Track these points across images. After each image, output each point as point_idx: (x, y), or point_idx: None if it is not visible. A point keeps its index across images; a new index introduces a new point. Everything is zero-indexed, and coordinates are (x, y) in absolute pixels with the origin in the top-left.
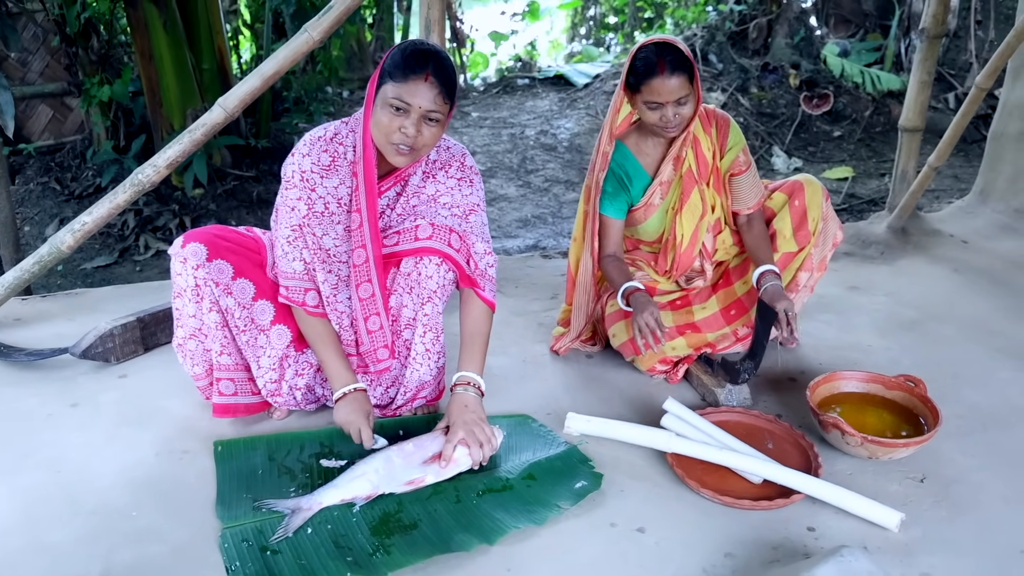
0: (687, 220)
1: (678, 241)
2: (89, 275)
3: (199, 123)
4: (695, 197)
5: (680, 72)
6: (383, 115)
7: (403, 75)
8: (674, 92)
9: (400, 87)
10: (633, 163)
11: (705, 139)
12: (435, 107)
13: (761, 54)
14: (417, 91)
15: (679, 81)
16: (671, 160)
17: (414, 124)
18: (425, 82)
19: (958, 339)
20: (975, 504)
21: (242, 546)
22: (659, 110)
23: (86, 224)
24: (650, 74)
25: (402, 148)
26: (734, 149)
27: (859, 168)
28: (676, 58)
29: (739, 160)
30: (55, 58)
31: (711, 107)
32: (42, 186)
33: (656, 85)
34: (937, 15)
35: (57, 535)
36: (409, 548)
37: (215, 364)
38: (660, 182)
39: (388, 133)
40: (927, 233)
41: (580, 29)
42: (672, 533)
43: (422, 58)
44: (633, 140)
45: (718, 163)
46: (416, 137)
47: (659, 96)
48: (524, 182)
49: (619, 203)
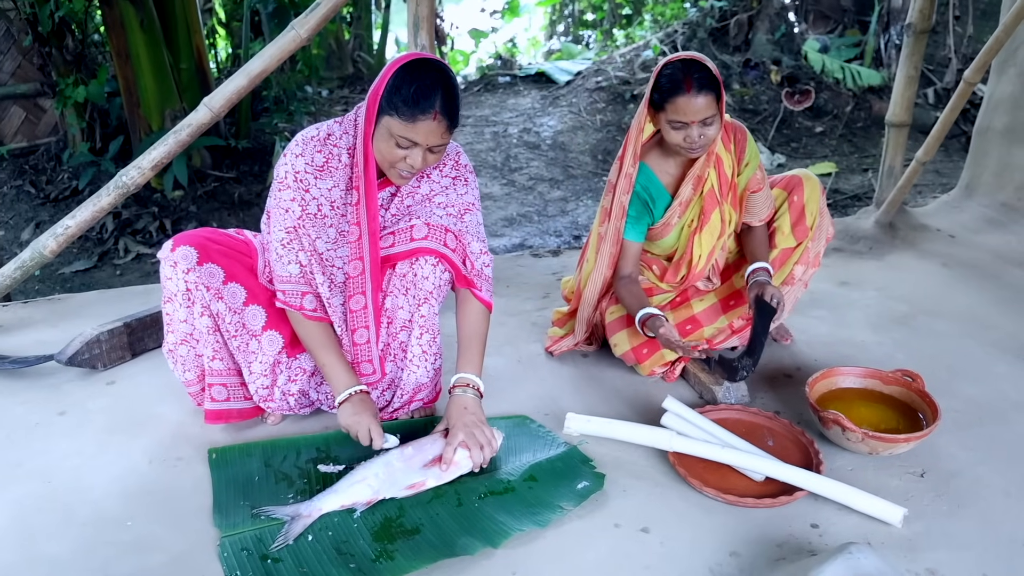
0: (706, 240)
1: (695, 261)
2: (68, 279)
3: (184, 123)
4: (715, 218)
5: (708, 91)
6: (386, 145)
7: (410, 115)
8: (700, 112)
9: (407, 127)
10: (656, 184)
11: (726, 156)
12: (444, 141)
13: (742, 50)
14: (427, 131)
15: (706, 100)
16: (691, 179)
17: (420, 156)
18: (433, 120)
19: (951, 333)
20: (976, 497)
21: (242, 555)
22: (683, 130)
23: (69, 228)
24: (676, 92)
25: (404, 174)
26: (751, 165)
27: (842, 163)
28: (704, 76)
29: (756, 177)
30: (27, 58)
31: (728, 118)
32: (16, 189)
33: (682, 104)
34: (923, 10)
35: (52, 547)
36: (413, 553)
37: (207, 369)
38: (680, 202)
39: (391, 161)
40: (914, 228)
41: (558, 26)
42: (677, 533)
43: (429, 94)
44: (653, 159)
45: (735, 179)
46: (421, 166)
47: (684, 116)
48: (508, 180)
49: (641, 226)
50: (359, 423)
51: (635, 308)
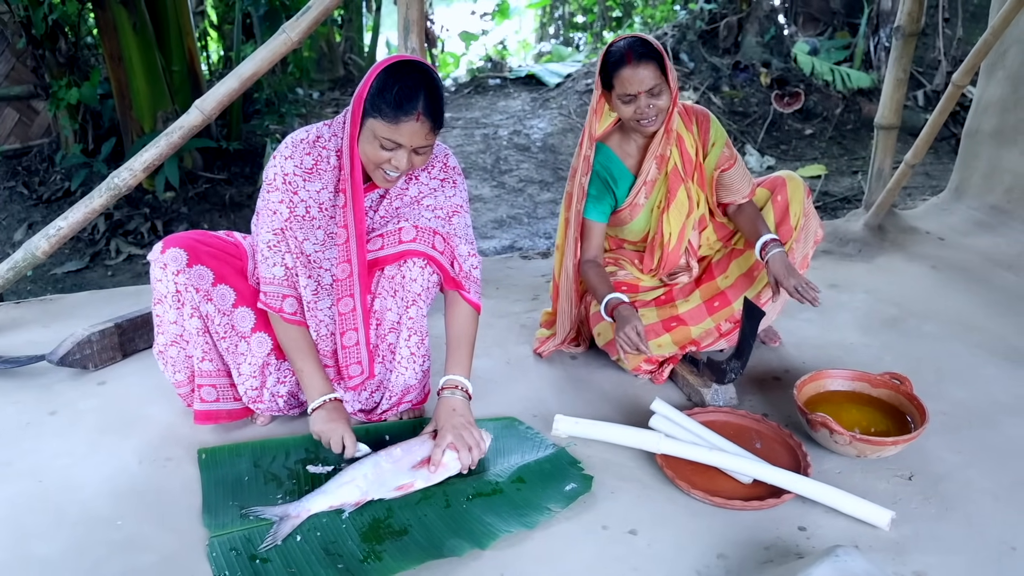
0: (674, 218)
1: (665, 239)
2: (60, 280)
3: (176, 125)
4: (681, 195)
5: (648, 60)
6: (371, 147)
7: (394, 116)
8: (644, 82)
9: (390, 128)
10: (617, 164)
11: (688, 136)
12: (427, 142)
13: (732, 53)
14: (410, 133)
15: (648, 71)
16: (653, 158)
17: (405, 158)
18: (416, 122)
19: (940, 336)
20: (964, 501)
21: (231, 555)
22: (633, 103)
23: (62, 229)
24: (619, 65)
25: (390, 175)
26: (717, 144)
27: (831, 166)
28: (644, 48)
29: (724, 155)
30: (21, 60)
31: (690, 104)
32: (9, 190)
33: (626, 76)
34: (912, 12)
35: (43, 547)
36: (401, 554)
37: (197, 370)
38: (645, 181)
39: (376, 163)
40: (904, 230)
41: (549, 28)
42: (664, 535)
43: (412, 96)
44: (615, 141)
45: (701, 160)
46: (406, 168)
47: (630, 87)
48: (498, 182)
49: (603, 206)
50: (332, 430)
51: (601, 292)
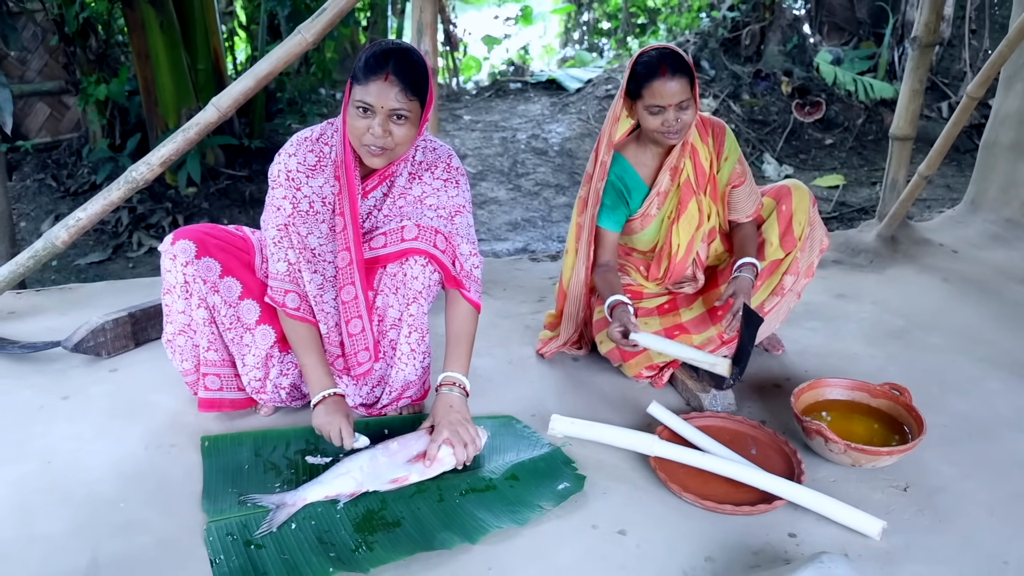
0: (683, 230)
1: (673, 250)
2: (83, 271)
3: (192, 122)
4: (692, 207)
5: (681, 75)
6: (353, 118)
7: (365, 77)
8: (676, 95)
9: (363, 89)
10: (632, 175)
11: (703, 148)
12: (399, 104)
13: (754, 61)
14: (379, 91)
15: (680, 84)
16: (668, 170)
17: (381, 125)
18: (385, 81)
19: (945, 348)
20: (959, 513)
21: (227, 540)
22: (661, 114)
23: (80, 220)
24: (652, 76)
25: (374, 150)
26: (731, 158)
27: (850, 176)
28: (677, 61)
29: (737, 171)
30: (54, 57)
31: (706, 115)
32: (39, 183)
33: (658, 87)
34: (929, 23)
35: (48, 526)
36: (392, 545)
37: (202, 359)
38: (658, 192)
39: (359, 135)
40: (917, 242)
41: (573, 34)
42: (653, 536)
43: (382, 58)
44: (631, 151)
45: (715, 172)
46: (385, 138)
47: (661, 99)
48: (514, 185)
49: (617, 215)
50: (331, 423)
51: (607, 294)
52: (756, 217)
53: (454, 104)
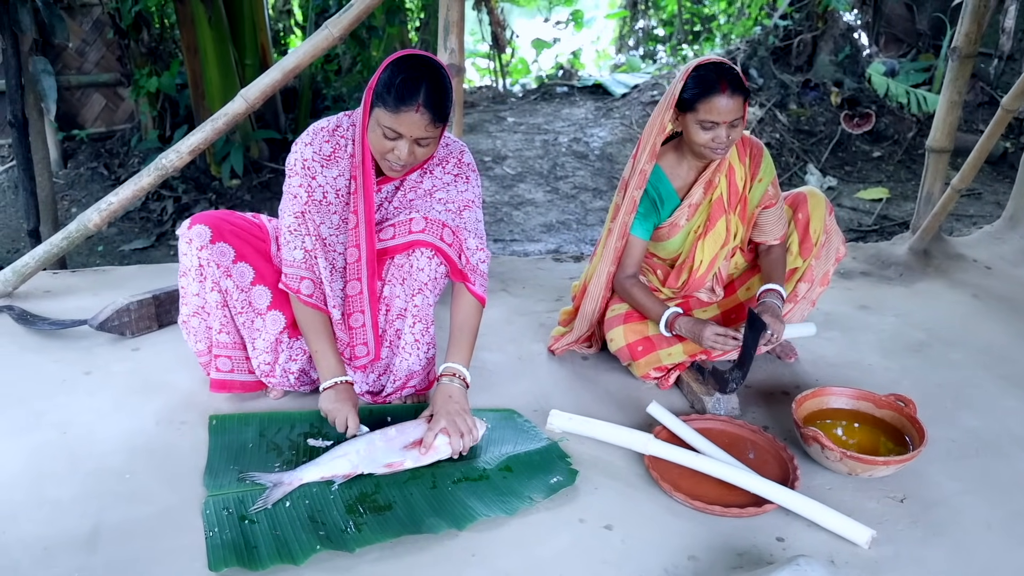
0: (709, 247)
1: (695, 265)
2: (127, 256)
3: (221, 113)
4: (720, 226)
5: (739, 94)
6: (375, 136)
7: (395, 106)
8: (731, 113)
9: (391, 118)
10: (666, 185)
11: (739, 167)
12: (428, 134)
13: (804, 70)
14: (409, 123)
15: (736, 103)
16: (703, 184)
17: (406, 148)
18: (416, 113)
19: (964, 364)
20: (954, 527)
21: (223, 514)
22: (712, 130)
23: (112, 204)
24: (711, 92)
25: (395, 166)
26: (764, 180)
27: (895, 190)
28: (736, 78)
29: (769, 193)
30: (110, 50)
31: (746, 134)
32: (91, 171)
33: (716, 104)
34: (970, 34)
35: (56, 491)
36: (380, 527)
37: (214, 341)
38: (689, 204)
39: (381, 152)
40: (950, 257)
41: (628, 40)
42: (639, 532)
43: (413, 87)
44: (667, 161)
45: (747, 192)
46: (409, 158)
47: (717, 115)
48: (552, 188)
49: (648, 224)
50: (338, 410)
51: (655, 309)
52: (783, 240)
53: (499, 106)
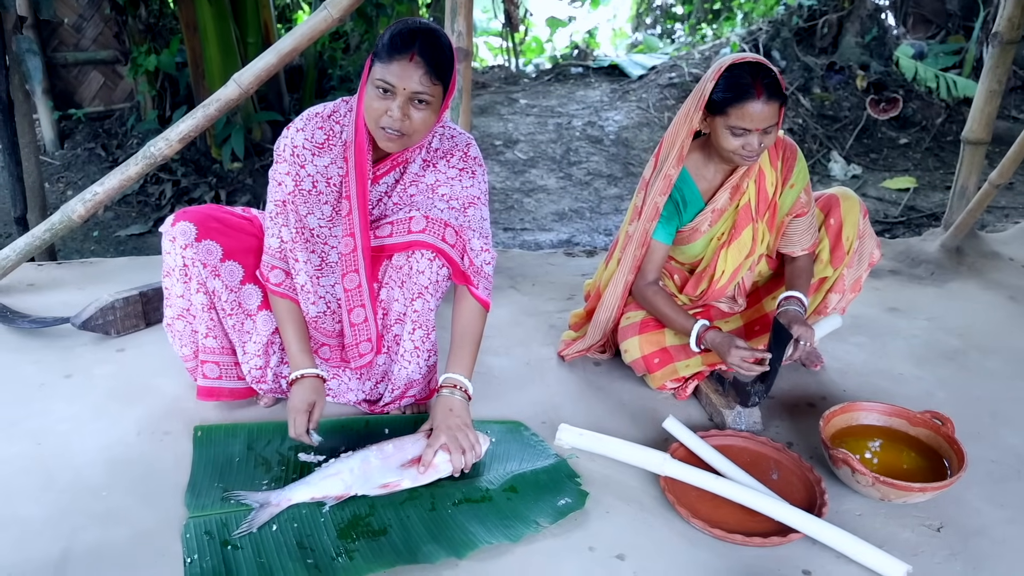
0: (732, 256)
1: (717, 275)
2: (123, 242)
3: (213, 98)
4: (746, 235)
5: (775, 99)
6: (371, 98)
7: (388, 55)
8: (765, 120)
9: (385, 68)
10: (691, 187)
11: (771, 173)
12: (422, 88)
13: (828, 52)
14: (402, 72)
15: (772, 109)
16: (729, 188)
17: (400, 107)
18: (410, 62)
19: (1003, 374)
20: (996, 560)
21: (203, 538)
22: (744, 137)
23: (97, 195)
24: (744, 97)
25: (390, 133)
26: (797, 186)
27: (923, 179)
28: (773, 82)
29: (801, 201)
30: (108, 26)
31: (780, 134)
32: (88, 151)
33: (749, 110)
34: (1013, 18)
35: (27, 510)
36: (373, 555)
37: (200, 347)
38: (713, 209)
39: (376, 117)
40: (984, 255)
41: (646, 18)
42: (653, 564)
43: (408, 37)
44: (693, 162)
45: (776, 199)
46: (403, 121)
47: (750, 122)
48: (565, 174)
49: (670, 228)
50: (295, 409)
51: (682, 322)
52: (812, 250)
53: (511, 87)
